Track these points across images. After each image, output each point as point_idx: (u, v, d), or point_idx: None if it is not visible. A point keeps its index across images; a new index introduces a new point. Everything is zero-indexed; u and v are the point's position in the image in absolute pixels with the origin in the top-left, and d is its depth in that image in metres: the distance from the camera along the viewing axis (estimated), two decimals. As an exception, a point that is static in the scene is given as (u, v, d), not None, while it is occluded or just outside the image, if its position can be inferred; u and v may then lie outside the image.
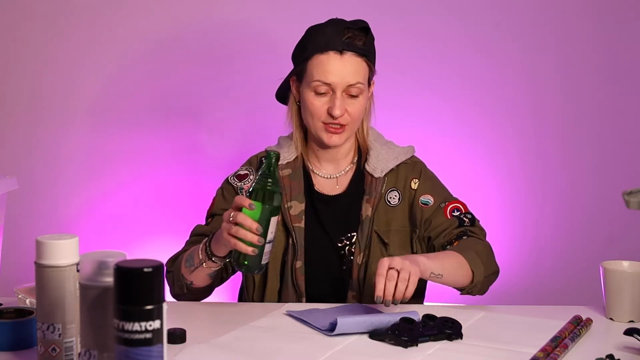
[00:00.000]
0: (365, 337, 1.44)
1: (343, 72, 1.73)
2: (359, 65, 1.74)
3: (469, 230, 1.79)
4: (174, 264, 1.76)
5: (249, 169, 1.88)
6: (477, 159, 2.70)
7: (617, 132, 2.71)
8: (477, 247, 1.74)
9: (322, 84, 1.73)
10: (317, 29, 1.78)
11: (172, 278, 1.75)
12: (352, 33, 1.74)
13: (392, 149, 1.87)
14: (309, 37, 1.78)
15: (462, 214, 1.82)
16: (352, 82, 1.73)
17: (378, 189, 1.81)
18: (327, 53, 1.73)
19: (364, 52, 1.75)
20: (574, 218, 2.73)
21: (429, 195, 1.83)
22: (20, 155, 2.68)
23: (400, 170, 1.85)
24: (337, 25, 1.75)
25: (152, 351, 1.06)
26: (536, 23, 2.67)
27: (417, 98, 2.64)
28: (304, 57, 1.77)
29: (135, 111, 2.67)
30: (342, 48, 1.72)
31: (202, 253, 1.64)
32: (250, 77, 2.65)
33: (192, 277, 1.70)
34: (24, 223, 2.62)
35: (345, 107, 1.74)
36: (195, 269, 1.67)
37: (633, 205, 1.26)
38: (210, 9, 2.65)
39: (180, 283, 1.72)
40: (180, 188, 2.68)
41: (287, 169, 1.84)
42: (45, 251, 1.23)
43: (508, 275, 2.72)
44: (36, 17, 2.64)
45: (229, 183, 1.87)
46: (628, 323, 1.58)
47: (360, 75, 1.75)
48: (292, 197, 1.81)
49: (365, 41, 1.75)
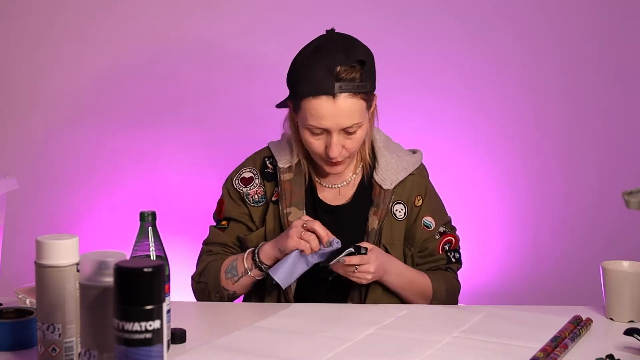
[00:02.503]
0: (367, 337, 1.45)
1: (337, 117, 1.64)
2: (354, 106, 1.65)
3: (450, 268, 1.85)
4: (204, 276, 1.78)
5: (253, 172, 1.84)
6: (478, 158, 2.70)
7: (617, 132, 2.71)
8: (450, 284, 1.82)
9: (317, 127, 1.67)
10: (307, 64, 1.65)
11: (204, 289, 1.78)
12: (346, 70, 1.62)
13: (401, 157, 1.83)
14: (300, 73, 1.66)
15: (451, 250, 1.85)
16: (347, 124, 1.65)
17: (386, 202, 1.78)
18: (319, 97, 1.62)
19: (360, 88, 1.64)
20: (574, 218, 2.73)
21: (431, 217, 1.83)
22: (20, 155, 2.68)
23: (407, 182, 1.82)
24: (328, 62, 1.62)
25: (152, 351, 1.06)
26: (538, 24, 2.67)
27: (417, 98, 2.64)
28: (296, 94, 1.68)
29: (135, 111, 2.68)
30: (335, 92, 1.61)
31: (247, 262, 1.71)
32: (251, 77, 2.65)
33: (235, 287, 1.74)
34: (24, 223, 2.62)
35: (342, 144, 1.69)
36: (239, 279, 1.72)
37: (633, 205, 1.26)
38: (211, 10, 2.65)
39: (220, 294, 1.76)
40: (180, 188, 2.68)
41: (289, 173, 1.80)
42: (45, 251, 1.23)
43: (508, 275, 2.72)
44: (36, 17, 2.64)
45: (234, 187, 1.84)
46: (628, 323, 1.57)
47: (356, 116, 1.66)
48: (291, 203, 1.78)
49: (361, 75, 1.64)
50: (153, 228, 1.35)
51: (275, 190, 1.81)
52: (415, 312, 1.63)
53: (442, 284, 1.79)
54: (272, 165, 1.83)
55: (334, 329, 1.49)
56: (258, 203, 1.81)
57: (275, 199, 1.80)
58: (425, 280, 1.78)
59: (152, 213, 1.35)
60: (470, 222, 2.63)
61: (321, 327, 1.50)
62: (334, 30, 1.73)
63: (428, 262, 1.83)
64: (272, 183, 1.82)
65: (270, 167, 1.83)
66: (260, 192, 1.82)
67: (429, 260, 1.83)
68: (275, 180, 1.81)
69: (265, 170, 1.84)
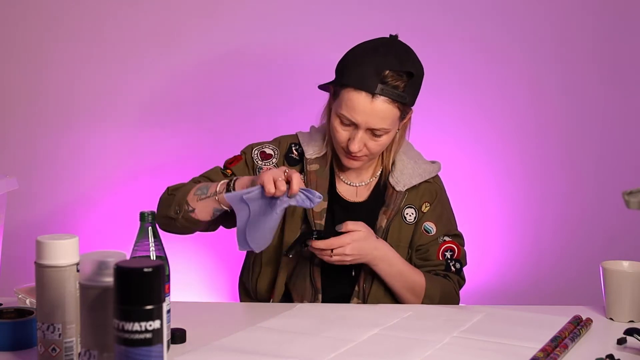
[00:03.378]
0: (370, 338, 1.45)
1: (370, 115, 1.67)
2: (389, 112, 1.68)
3: (448, 276, 1.83)
4: (177, 190, 1.77)
5: (275, 151, 1.87)
6: (478, 159, 2.70)
7: (617, 132, 2.71)
8: (447, 291, 1.80)
9: (347, 118, 1.70)
10: (361, 57, 1.69)
11: (169, 200, 1.75)
12: (393, 76, 1.66)
13: (418, 164, 1.86)
14: (351, 62, 1.70)
15: (453, 258, 1.84)
16: (375, 127, 1.69)
17: (397, 203, 1.81)
18: (359, 92, 1.66)
19: (399, 98, 1.68)
20: (574, 218, 2.73)
21: (433, 223, 1.84)
22: (20, 155, 2.68)
23: (420, 188, 1.85)
24: (380, 63, 1.66)
25: (152, 351, 1.06)
26: (537, 24, 2.67)
27: (417, 98, 2.64)
28: (340, 81, 1.71)
29: (135, 111, 2.68)
30: (375, 92, 1.65)
31: (221, 186, 1.67)
32: (252, 77, 2.65)
33: (196, 205, 1.70)
34: (24, 223, 2.62)
35: (365, 143, 1.72)
36: (205, 198, 1.68)
37: (633, 205, 1.26)
38: (213, 11, 2.65)
39: (180, 208, 1.71)
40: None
41: (315, 164, 1.83)
42: (45, 251, 1.23)
43: (508, 275, 2.72)
44: (36, 17, 2.64)
45: (251, 155, 1.86)
46: (628, 323, 1.58)
47: (387, 122, 1.69)
48: None
49: (405, 85, 1.68)
50: (153, 228, 1.35)
51: None
52: (419, 313, 1.63)
53: (437, 287, 1.79)
54: (297, 152, 1.86)
55: (337, 330, 1.49)
56: None
57: None
58: (418, 277, 1.78)
59: (152, 213, 1.35)
60: (470, 222, 2.63)
61: (324, 327, 1.51)
62: (397, 36, 1.76)
63: (426, 266, 1.83)
64: (295, 169, 1.83)
65: (296, 153, 1.86)
66: None
67: (427, 263, 1.83)
68: (299, 167, 1.84)
69: (290, 154, 1.86)
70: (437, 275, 1.82)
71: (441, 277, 1.82)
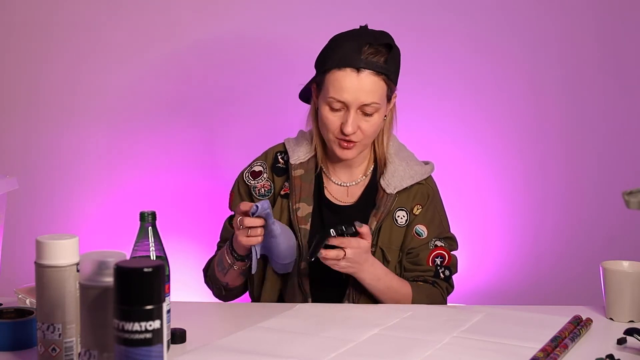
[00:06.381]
0: (370, 338, 1.45)
1: (358, 91, 1.69)
2: (376, 84, 1.71)
3: (437, 282, 1.81)
4: (209, 270, 1.86)
5: (263, 165, 1.87)
6: (478, 159, 2.70)
7: (618, 132, 2.71)
8: (433, 296, 1.79)
9: (337, 100, 1.71)
10: (338, 41, 1.74)
11: (210, 283, 1.87)
12: (374, 49, 1.70)
13: (410, 166, 1.84)
14: (330, 50, 1.74)
15: (442, 265, 1.83)
16: (366, 101, 1.70)
17: (387, 205, 1.80)
18: (344, 70, 1.69)
19: (383, 70, 1.70)
20: (574, 218, 2.73)
21: (424, 226, 1.83)
22: (20, 155, 2.68)
23: (412, 191, 1.83)
24: (358, 40, 1.70)
25: (152, 351, 1.06)
26: (538, 23, 2.67)
27: (417, 98, 2.64)
28: (323, 69, 1.73)
29: (135, 111, 2.67)
30: (360, 66, 1.68)
31: (229, 257, 1.75)
32: (256, 78, 2.64)
33: (226, 279, 1.80)
34: (24, 223, 2.62)
35: (358, 125, 1.72)
36: (227, 272, 1.78)
37: (633, 205, 1.26)
38: (215, 11, 2.65)
39: (218, 286, 1.84)
40: (180, 188, 2.68)
41: (300, 169, 1.83)
42: (45, 251, 1.23)
43: (508, 275, 2.72)
44: (36, 17, 2.64)
45: (244, 180, 1.88)
46: (628, 323, 1.58)
47: (377, 95, 1.71)
48: (300, 199, 1.80)
49: (386, 58, 1.71)
50: (153, 228, 1.35)
51: (284, 185, 1.84)
52: (419, 313, 1.63)
53: (423, 295, 1.77)
54: (283, 161, 1.87)
55: (337, 330, 1.49)
56: (264, 197, 1.84)
57: (284, 193, 1.83)
58: (406, 289, 1.76)
59: (152, 213, 1.35)
60: (470, 222, 2.63)
61: (324, 327, 1.51)
62: (367, 26, 1.79)
63: (415, 270, 1.82)
64: (282, 178, 1.85)
65: (282, 162, 1.87)
66: (267, 186, 1.85)
67: (417, 268, 1.82)
68: (286, 175, 1.84)
69: (276, 164, 1.87)
70: (426, 281, 1.81)
71: (429, 284, 1.81)
